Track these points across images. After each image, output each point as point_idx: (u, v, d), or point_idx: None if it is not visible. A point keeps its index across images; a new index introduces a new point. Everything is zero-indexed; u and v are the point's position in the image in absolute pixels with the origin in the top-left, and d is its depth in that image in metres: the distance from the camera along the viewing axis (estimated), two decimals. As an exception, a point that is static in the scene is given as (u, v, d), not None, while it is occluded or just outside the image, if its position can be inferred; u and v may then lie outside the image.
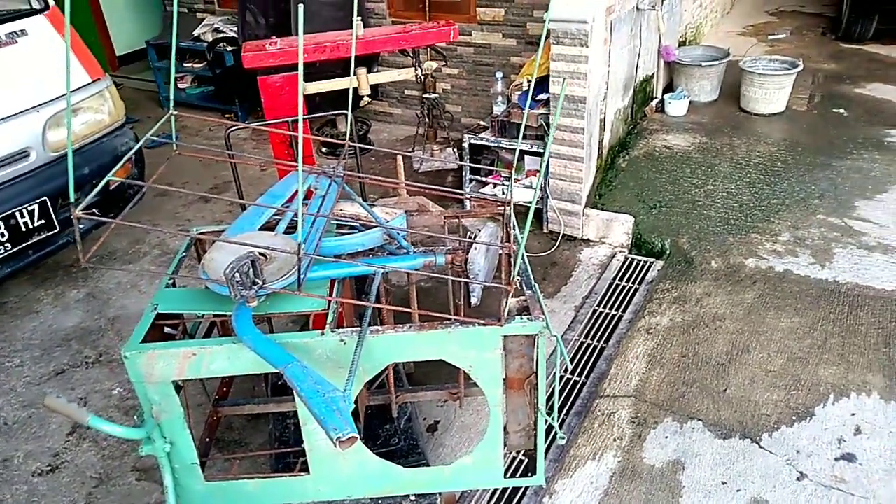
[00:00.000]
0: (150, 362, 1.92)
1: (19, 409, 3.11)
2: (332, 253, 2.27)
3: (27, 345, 3.53)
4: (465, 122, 5.53)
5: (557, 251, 4.01)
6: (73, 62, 3.44)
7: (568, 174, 3.94)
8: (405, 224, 2.37)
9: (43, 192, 3.24)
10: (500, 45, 5.11)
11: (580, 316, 3.46)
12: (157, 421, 2.02)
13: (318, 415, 1.65)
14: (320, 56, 2.55)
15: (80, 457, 2.87)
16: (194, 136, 6.05)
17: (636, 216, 3.99)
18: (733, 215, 3.90)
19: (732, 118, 4.83)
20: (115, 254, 4.28)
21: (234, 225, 2.29)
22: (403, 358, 2.03)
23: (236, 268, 1.80)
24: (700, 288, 3.53)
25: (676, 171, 4.28)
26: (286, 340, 1.93)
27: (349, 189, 2.45)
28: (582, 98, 3.68)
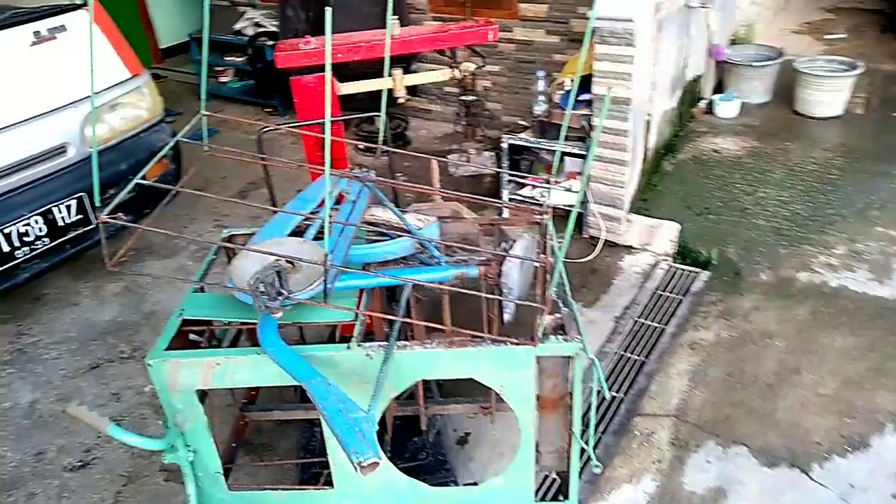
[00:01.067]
0: (174, 370, 1.88)
1: (55, 403, 3.13)
2: (361, 261, 2.20)
3: (65, 337, 3.56)
4: (505, 120, 5.42)
5: (598, 258, 3.88)
6: (113, 57, 3.44)
7: (610, 178, 3.80)
8: (437, 232, 2.28)
9: (80, 187, 3.25)
10: (542, 42, 4.97)
11: (620, 327, 3.33)
12: (181, 429, 1.98)
13: (340, 436, 1.58)
14: (354, 56, 2.47)
15: (111, 454, 2.86)
16: (234, 129, 6.06)
17: (682, 223, 3.83)
18: (785, 225, 3.71)
19: (786, 121, 4.61)
20: (152, 248, 4.30)
21: (263, 229, 2.24)
22: (432, 375, 1.96)
23: (261, 278, 1.74)
24: (748, 302, 3.36)
25: (725, 176, 4.10)
26: (311, 353, 1.87)
27: (381, 194, 2.37)
28: (626, 99, 3.54)
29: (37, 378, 3.26)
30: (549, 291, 1.75)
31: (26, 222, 3.06)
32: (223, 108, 6.52)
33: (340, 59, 2.50)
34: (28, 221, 3.06)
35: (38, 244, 3.14)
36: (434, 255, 2.18)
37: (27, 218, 3.05)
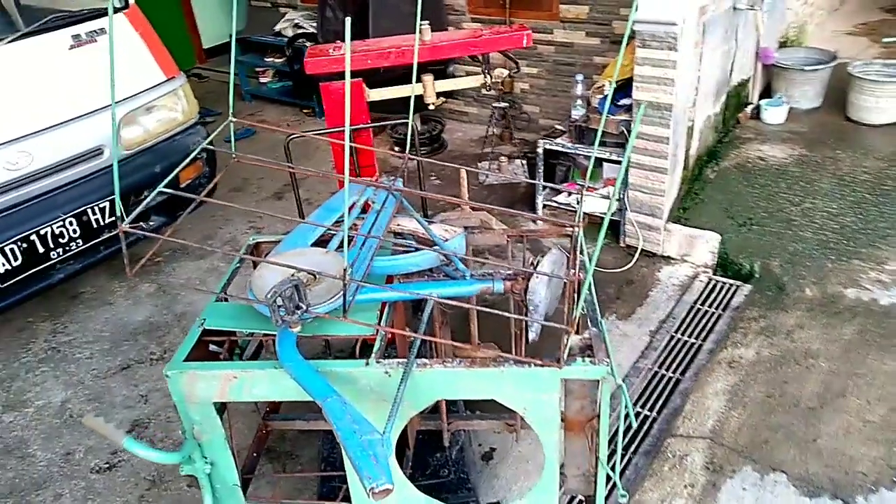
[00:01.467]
0: (191, 382, 1.86)
1: (85, 403, 3.17)
2: (384, 273, 2.15)
3: (98, 337, 3.60)
4: (542, 123, 5.32)
5: (634, 268, 3.76)
6: (148, 60, 3.46)
7: (649, 186, 3.68)
8: (464, 244, 2.22)
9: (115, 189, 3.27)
10: (582, 44, 4.86)
11: (655, 342, 3.22)
12: (198, 440, 1.96)
13: (353, 459, 1.53)
14: (383, 62, 2.43)
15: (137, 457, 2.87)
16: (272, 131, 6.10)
17: (723, 234, 3.69)
18: (833, 238, 3.54)
19: (837, 128, 4.40)
20: (188, 248, 4.33)
21: (287, 238, 2.21)
22: (452, 395, 1.89)
23: (278, 292, 1.70)
24: (791, 318, 3.21)
25: (771, 185, 3.93)
26: (329, 368, 1.82)
27: (407, 203, 2.32)
28: (668, 105, 3.41)
29: (69, 377, 3.31)
30: (576, 312, 1.66)
31: (61, 224, 3.10)
32: (262, 109, 6.56)
33: (369, 66, 2.45)
34: (63, 223, 3.10)
35: (71, 246, 3.18)
36: (459, 269, 2.12)
37: (62, 219, 3.09)
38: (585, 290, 1.70)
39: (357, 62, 2.44)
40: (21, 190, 3.00)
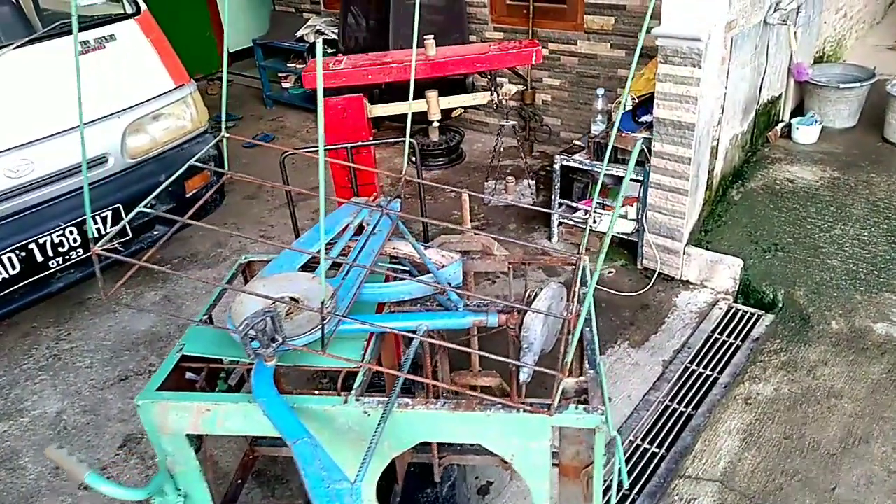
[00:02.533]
0: (163, 413, 1.77)
1: (80, 414, 3.12)
2: (374, 301, 2.05)
3: (100, 345, 3.56)
4: (563, 136, 5.18)
5: (650, 292, 3.61)
6: (158, 67, 3.41)
7: (669, 207, 3.52)
8: (461, 271, 2.10)
9: (118, 198, 3.24)
10: (607, 56, 4.72)
11: (668, 373, 3.06)
12: (171, 472, 1.88)
13: (318, 509, 1.43)
14: (386, 78, 2.33)
15: (126, 473, 2.82)
16: (292, 136, 6.05)
17: (746, 259, 3.51)
18: (864, 268, 3.34)
19: (872, 150, 4.19)
20: (197, 256, 4.29)
21: (275, 260, 2.12)
22: (435, 438, 1.78)
23: (251, 324, 1.61)
24: (815, 353, 3.03)
25: (799, 209, 3.74)
26: (306, 405, 1.72)
27: (403, 226, 2.21)
28: (690, 125, 3.26)
29: (67, 387, 3.27)
30: (569, 356, 1.53)
31: (61, 233, 3.05)
32: (284, 114, 6.52)
33: (370, 81, 2.36)
34: (63, 232, 3.06)
35: (71, 255, 3.13)
36: (452, 299, 2.00)
37: (62, 228, 3.05)
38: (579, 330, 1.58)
39: (358, 77, 2.34)
40: (21, 198, 2.96)
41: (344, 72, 2.35)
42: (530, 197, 4.42)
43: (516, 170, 4.86)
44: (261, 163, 5.27)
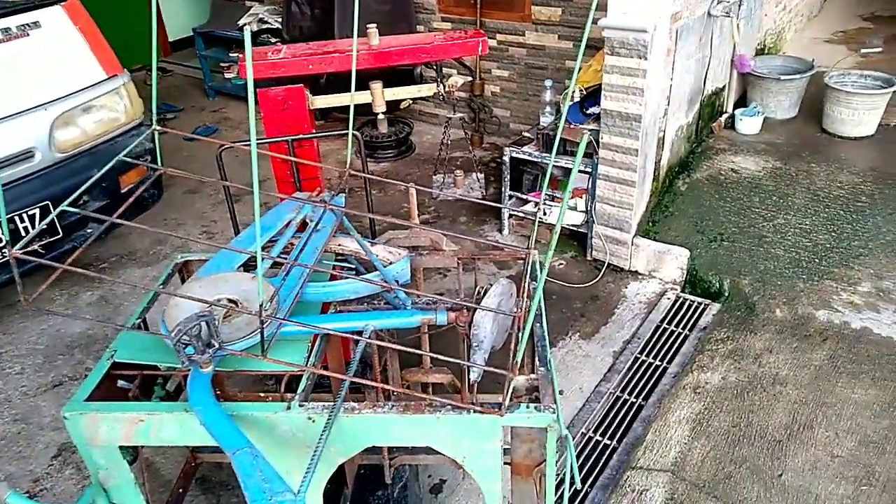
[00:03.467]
0: (94, 425, 1.67)
1: (10, 424, 2.95)
2: (318, 300, 1.97)
3: (32, 350, 3.38)
4: (513, 127, 5.16)
5: (600, 283, 3.62)
6: (87, 56, 3.24)
7: (617, 199, 3.53)
8: (408, 268, 2.04)
9: (47, 195, 3.06)
10: (555, 47, 4.71)
11: (618, 364, 3.07)
12: (104, 486, 1.78)
13: (259, 524, 1.36)
14: (327, 68, 2.24)
15: (61, 485, 2.68)
16: (235, 128, 5.87)
17: (692, 249, 3.55)
18: (806, 256, 3.42)
19: (812, 140, 4.29)
20: (136, 254, 4.12)
21: (213, 259, 2.02)
22: (384, 442, 1.72)
23: (184, 330, 1.52)
24: (760, 341, 3.08)
25: (743, 199, 3.80)
26: (247, 413, 1.64)
27: (347, 222, 2.13)
28: (637, 116, 3.26)
29: (-5, 395, 3.09)
30: (519, 354, 1.50)
31: (-16, 232, 2.87)
32: (226, 106, 6.32)
33: (311, 71, 2.27)
34: (-14, 231, 2.88)
35: (-2, 255, 2.96)
36: (399, 297, 1.94)
37: (-15, 227, 2.86)
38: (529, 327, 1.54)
39: (298, 67, 2.25)
40: (-61, 195, 2.77)
41: (283, 62, 2.26)
42: (479, 191, 4.39)
43: (465, 162, 4.82)
44: (203, 156, 5.09)
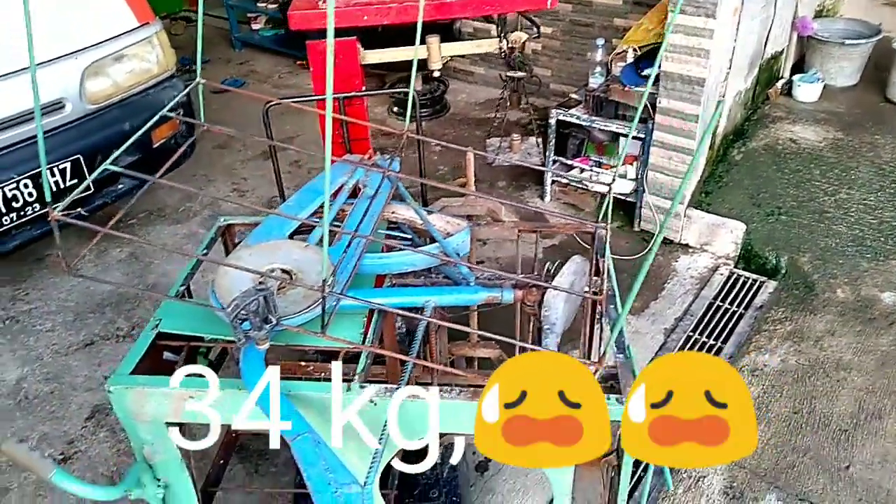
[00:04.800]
0: (140, 400, 1.56)
1: (42, 383, 2.89)
2: (373, 272, 1.84)
3: (62, 307, 3.30)
4: (554, 88, 4.94)
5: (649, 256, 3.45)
6: (120, 3, 3.07)
7: (672, 167, 3.35)
8: (469, 240, 1.90)
9: (78, 148, 2.93)
10: (603, 2, 4.46)
11: (670, 343, 2.93)
12: (150, 461, 1.68)
13: (325, 518, 1.25)
14: (383, 20, 2.07)
15: (95, 447, 2.61)
16: (263, 82, 5.69)
17: (748, 223, 3.38)
18: (870, 234, 3.23)
19: (876, 110, 4.05)
20: (165, 210, 4.00)
21: (262, 226, 1.89)
22: (450, 429, 1.60)
23: (242, 305, 1.39)
24: (821, 323, 2.93)
25: (802, 171, 3.60)
26: (302, 393, 1.53)
27: (403, 189, 1.99)
28: (700, 80, 3.06)
29: (27, 352, 3.02)
30: (607, 345, 1.36)
31: (14, 186, 2.75)
32: (253, 58, 6.13)
33: (366, 23, 2.09)
34: (17, 185, 2.76)
35: (27, 210, 2.84)
36: (461, 272, 1.81)
37: (16, 181, 2.75)
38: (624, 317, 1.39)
39: (351, 18, 2.08)
40: (-33, 147, 2.66)
41: (336, 11, 2.08)
42: (538, 156, 4.16)
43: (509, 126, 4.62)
44: (232, 110, 4.93)
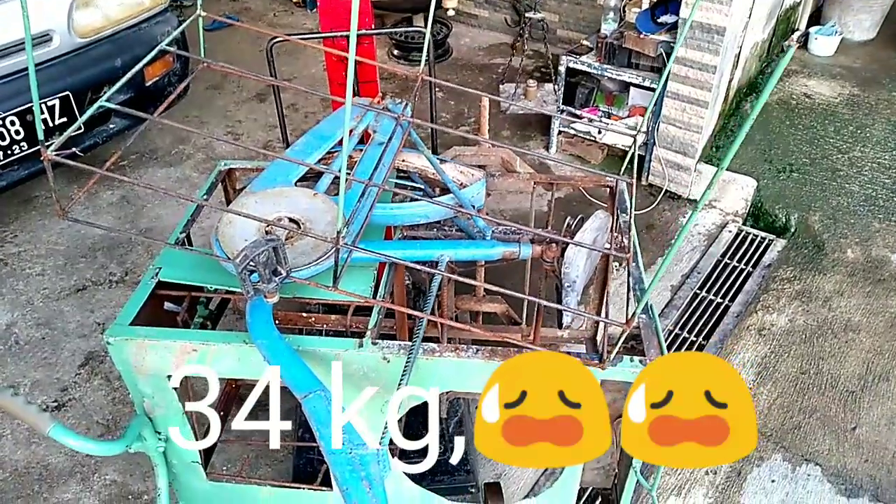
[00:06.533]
0: (141, 352, 1.49)
1: (33, 328, 2.81)
2: (383, 223, 1.76)
3: (52, 250, 3.20)
4: (560, 34, 4.77)
5: (656, 211, 3.38)
6: (109, -72, 2.87)
7: (685, 120, 3.24)
8: (484, 192, 1.82)
9: (66, 84, 2.78)
10: (616, -55, 4.25)
11: (677, 300, 2.89)
12: (150, 415, 1.62)
13: (339, 481, 1.19)
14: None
15: (90, 395, 2.56)
16: (257, 20, 5.46)
17: (759, 179, 3.30)
18: (883, 194, 3.17)
19: (893, 66, 3.93)
20: (157, 153, 3.86)
21: (266, 172, 1.78)
22: (463, 388, 1.55)
23: (251, 256, 1.31)
24: (830, 283, 2.88)
25: (816, 127, 3.51)
26: (312, 348, 1.46)
27: (416, 136, 1.89)
28: (721, 29, 2.93)
29: (16, 296, 2.93)
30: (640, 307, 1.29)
31: (1, 124, 2.61)
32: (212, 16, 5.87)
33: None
34: (3, 123, 2.62)
35: (14, 149, 2.71)
36: (477, 225, 1.72)
37: (1, 119, 2.61)
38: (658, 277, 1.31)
39: (362, -52, 1.93)
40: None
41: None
42: (555, 104, 3.99)
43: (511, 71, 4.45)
44: (226, 48, 4.73)
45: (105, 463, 2.31)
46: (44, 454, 2.35)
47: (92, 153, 3.22)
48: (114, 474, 2.29)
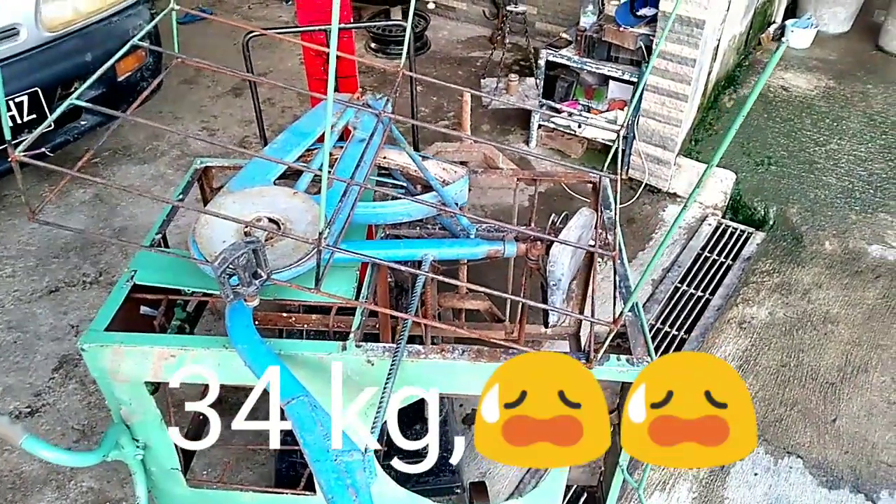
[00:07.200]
0: (117, 359, 1.45)
1: (4, 331, 2.73)
2: (365, 222, 1.73)
3: (23, 251, 3.11)
4: (539, 27, 4.75)
5: (636, 204, 3.39)
6: (76, -81, 2.79)
7: (664, 114, 3.24)
8: (467, 189, 1.79)
9: (35, 80, 2.70)
10: (594, -63, 4.23)
11: (658, 294, 2.89)
12: (127, 422, 1.58)
13: (324, 487, 1.17)
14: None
15: (64, 400, 2.49)
16: (231, 12, 5.37)
17: (738, 172, 3.31)
18: (859, 186, 3.20)
19: (867, 59, 3.97)
20: (130, 149, 3.78)
21: (244, 170, 1.74)
22: (450, 390, 1.53)
23: (230, 259, 1.27)
24: (809, 276, 2.91)
25: (793, 120, 3.53)
26: (294, 353, 1.43)
27: (397, 132, 1.85)
28: (700, 21, 2.93)
29: (-14, 299, 2.85)
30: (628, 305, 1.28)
31: (-35, 120, 2.53)
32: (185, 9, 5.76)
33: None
34: (-32, 119, 2.54)
35: (-20, 148, 2.62)
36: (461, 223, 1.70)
37: (-34, 115, 2.52)
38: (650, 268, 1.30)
39: (340, -59, 1.89)
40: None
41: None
42: (536, 99, 3.97)
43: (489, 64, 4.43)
44: (200, 42, 4.64)
45: (81, 470, 2.26)
46: (17, 461, 2.29)
47: (63, 150, 3.14)
48: (90, 481, 2.23)
